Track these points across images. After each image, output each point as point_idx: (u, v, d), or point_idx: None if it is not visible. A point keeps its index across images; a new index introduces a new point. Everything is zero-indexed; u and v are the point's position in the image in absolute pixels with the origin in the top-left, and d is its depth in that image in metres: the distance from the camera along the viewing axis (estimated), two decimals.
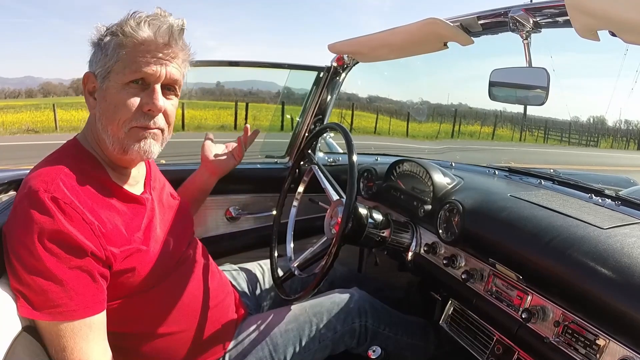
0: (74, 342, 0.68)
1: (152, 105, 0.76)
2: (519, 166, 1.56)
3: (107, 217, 0.75)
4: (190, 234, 0.99)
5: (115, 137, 0.77)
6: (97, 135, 0.80)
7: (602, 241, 0.80)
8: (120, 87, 0.75)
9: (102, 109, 0.77)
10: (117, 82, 0.75)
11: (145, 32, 0.74)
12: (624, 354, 0.69)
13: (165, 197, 0.95)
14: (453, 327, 1.09)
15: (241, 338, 0.98)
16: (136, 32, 0.74)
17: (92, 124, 0.81)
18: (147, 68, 0.75)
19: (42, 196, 0.68)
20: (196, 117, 14.03)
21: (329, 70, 1.51)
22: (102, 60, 0.76)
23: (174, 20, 0.77)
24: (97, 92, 0.78)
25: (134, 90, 0.76)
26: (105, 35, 0.76)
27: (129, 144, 0.77)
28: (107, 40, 0.76)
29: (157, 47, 0.75)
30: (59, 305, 0.67)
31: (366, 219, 1.09)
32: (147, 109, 0.77)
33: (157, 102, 0.77)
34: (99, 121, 0.78)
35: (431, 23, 1.00)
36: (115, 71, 0.75)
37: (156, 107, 0.77)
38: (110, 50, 0.75)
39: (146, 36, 0.74)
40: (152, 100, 0.76)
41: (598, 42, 0.82)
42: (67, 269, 0.68)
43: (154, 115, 0.78)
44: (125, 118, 0.76)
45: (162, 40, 0.75)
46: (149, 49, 0.75)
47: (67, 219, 0.68)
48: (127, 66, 0.74)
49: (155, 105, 0.76)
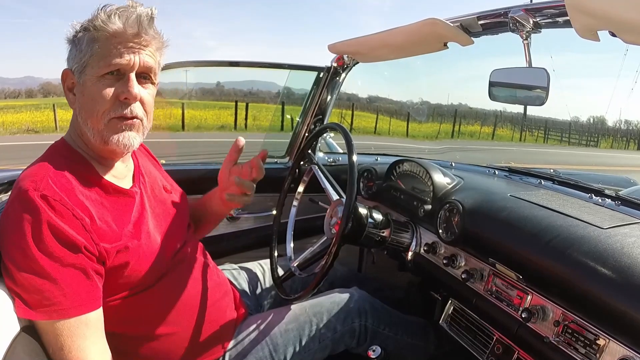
0: (71, 340, 0.68)
1: (127, 94, 0.77)
2: (519, 166, 1.56)
3: (97, 212, 0.75)
4: (186, 228, 0.98)
5: (96, 129, 0.78)
6: (80, 130, 0.80)
7: (602, 241, 0.80)
8: (95, 80, 0.76)
9: (81, 103, 0.78)
10: (92, 76, 0.76)
11: (116, 24, 0.75)
12: (624, 353, 0.70)
13: (157, 191, 0.94)
14: (453, 327, 1.09)
15: (241, 338, 0.98)
16: (107, 24, 0.75)
17: (74, 121, 0.82)
18: (119, 58, 0.75)
19: (31, 195, 0.68)
20: (196, 117, 14.03)
21: (329, 70, 1.51)
22: (77, 56, 0.77)
23: (142, 9, 0.77)
24: (76, 88, 0.79)
25: (109, 81, 0.76)
26: (79, 32, 0.77)
27: (109, 135, 0.78)
28: (80, 35, 0.77)
29: (127, 37, 0.76)
30: (54, 304, 0.67)
31: (366, 218, 1.09)
32: (123, 97, 0.77)
33: (132, 90, 0.77)
34: (79, 115, 0.79)
35: (431, 23, 1.01)
36: (91, 65, 0.76)
37: (131, 94, 0.77)
38: (84, 45, 0.76)
39: (116, 28, 0.75)
40: (128, 88, 0.77)
41: (598, 42, 0.82)
42: (60, 267, 0.68)
43: (130, 104, 0.78)
44: (103, 109, 0.76)
45: (132, 30, 0.76)
46: (120, 40, 0.76)
47: (57, 215, 0.68)
48: (101, 59, 0.75)
49: (131, 92, 0.77)
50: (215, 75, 15.95)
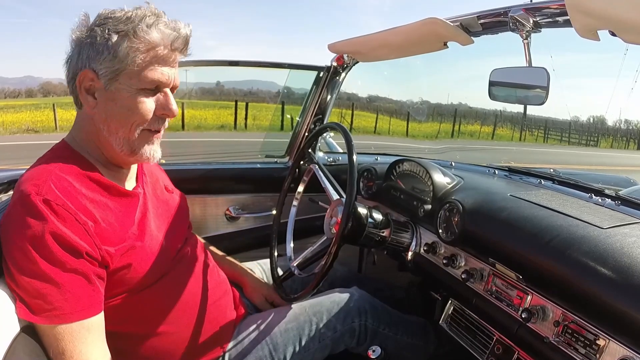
0: (72, 345, 0.68)
1: (168, 111, 0.79)
2: (519, 166, 1.55)
3: (101, 215, 0.74)
4: (187, 228, 0.99)
5: (126, 139, 0.78)
6: (95, 135, 0.79)
7: (602, 241, 0.80)
8: (135, 92, 0.75)
9: (111, 111, 0.76)
10: (131, 86, 0.75)
11: (160, 37, 0.75)
12: (624, 354, 0.69)
13: (159, 191, 0.95)
14: (453, 327, 1.09)
15: (241, 337, 0.98)
16: (150, 36, 0.74)
17: (85, 124, 0.80)
18: (163, 75, 0.77)
19: (34, 199, 0.68)
20: (196, 116, 14.02)
21: (328, 70, 1.51)
22: (109, 60, 0.74)
23: (187, 29, 0.79)
24: (100, 92, 0.76)
25: (148, 94, 0.77)
26: (111, 33, 0.73)
27: (139, 146, 0.79)
28: (116, 40, 0.73)
29: (170, 53, 0.77)
30: (55, 308, 0.67)
31: (366, 218, 1.09)
32: (162, 113, 0.79)
33: (174, 108, 0.80)
34: (103, 122, 0.77)
35: (431, 23, 1.00)
36: (128, 74, 0.74)
37: (172, 112, 0.80)
38: (121, 52, 0.73)
39: (161, 42, 0.75)
40: (169, 106, 0.79)
41: (598, 42, 0.82)
42: (62, 272, 0.67)
43: (165, 119, 0.81)
44: (140, 122, 0.77)
45: (177, 47, 0.77)
46: (163, 55, 0.76)
47: (60, 220, 0.68)
48: (143, 72, 0.74)
49: (172, 111, 0.80)
50: (215, 75, 15.94)
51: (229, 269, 1.15)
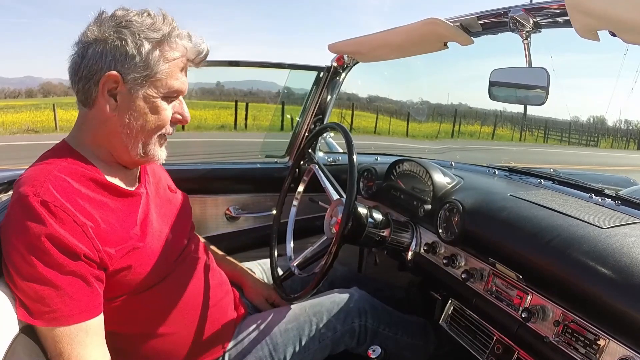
0: (71, 347, 0.68)
1: (184, 118, 0.84)
2: (519, 166, 1.55)
3: (101, 216, 0.74)
4: (190, 228, 0.99)
5: (144, 143, 0.80)
6: (105, 136, 0.79)
7: (602, 241, 0.80)
8: (160, 99, 0.79)
9: (134, 115, 0.77)
10: (157, 93, 0.78)
11: (186, 49, 0.80)
12: (624, 353, 0.69)
13: (162, 191, 0.95)
14: (453, 327, 1.09)
15: (241, 337, 0.98)
16: (179, 47, 0.79)
17: (96, 124, 0.78)
18: (184, 84, 0.81)
19: (31, 201, 0.67)
20: (196, 117, 14.01)
21: (329, 70, 1.51)
22: (139, 66, 0.74)
23: (207, 44, 0.83)
24: (122, 95, 0.76)
25: (169, 101, 0.81)
26: (143, 40, 0.74)
27: (154, 149, 0.82)
28: (147, 47, 0.75)
29: (188, 65, 0.82)
30: (53, 311, 0.67)
31: (366, 218, 1.09)
32: (177, 120, 0.83)
33: (187, 115, 0.84)
34: (123, 126, 0.77)
35: (431, 23, 1.00)
36: (155, 82, 0.77)
37: (187, 119, 0.84)
38: (152, 60, 0.75)
39: (186, 54, 0.80)
40: (184, 113, 0.84)
41: (598, 42, 0.82)
42: (60, 275, 0.67)
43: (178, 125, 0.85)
44: (160, 127, 0.81)
45: (198, 61, 0.83)
46: (184, 66, 0.81)
47: (57, 222, 0.67)
48: (169, 80, 0.78)
49: (187, 117, 0.84)
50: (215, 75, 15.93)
51: (229, 269, 1.15)
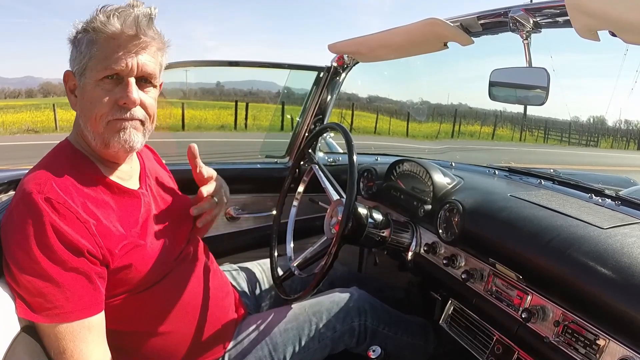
0: (73, 344, 0.68)
1: (126, 99, 0.75)
2: (519, 166, 1.56)
3: (103, 214, 0.74)
4: (190, 230, 0.99)
5: (96, 132, 0.77)
6: (82, 132, 0.80)
7: (602, 241, 0.80)
8: (94, 84, 0.75)
9: (81, 106, 0.78)
10: (91, 79, 0.75)
11: (114, 25, 0.73)
12: (624, 354, 0.69)
13: (163, 192, 0.95)
14: (453, 327, 1.09)
15: (241, 338, 0.98)
16: (105, 26, 0.73)
17: (77, 122, 0.81)
18: (118, 63, 0.74)
19: (35, 198, 0.68)
20: (196, 117, 14.03)
21: (329, 70, 1.51)
22: (77, 57, 0.76)
23: (140, 10, 0.76)
24: (77, 90, 0.78)
25: (108, 85, 0.75)
26: (79, 32, 0.76)
27: (109, 137, 0.77)
28: (80, 37, 0.76)
29: (126, 39, 0.74)
30: (55, 307, 0.67)
31: (366, 218, 1.09)
32: (122, 102, 0.76)
33: (131, 95, 0.75)
34: (80, 118, 0.79)
35: (431, 23, 1.00)
36: (90, 68, 0.75)
37: (130, 99, 0.75)
38: (83, 47, 0.75)
39: (115, 29, 0.73)
40: (127, 93, 0.75)
41: (598, 42, 0.82)
42: (63, 271, 0.68)
43: (130, 108, 0.77)
44: (101, 113, 0.75)
45: (130, 32, 0.74)
46: (119, 43, 0.74)
47: (61, 218, 0.68)
48: (100, 62, 0.74)
49: (129, 98, 0.75)
50: (215, 75, 15.94)
51: None
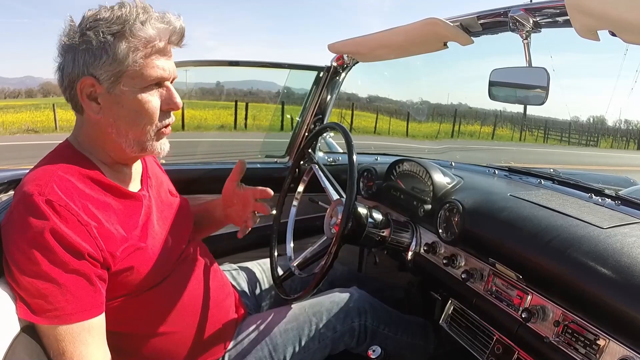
0: (73, 346, 0.68)
1: (174, 105, 0.79)
2: (519, 166, 1.55)
3: (104, 216, 0.74)
4: (190, 232, 0.99)
5: (137, 140, 0.78)
6: (101, 139, 0.78)
7: (602, 241, 0.80)
8: (139, 91, 0.75)
9: (118, 114, 0.75)
10: (134, 87, 0.74)
11: (157, 32, 0.73)
12: (624, 353, 0.69)
13: (163, 194, 0.95)
14: (453, 327, 1.09)
15: (241, 338, 0.98)
16: (146, 33, 0.72)
17: (89, 128, 0.79)
18: (164, 70, 0.76)
19: (36, 199, 0.67)
20: (196, 117, 14.01)
21: (328, 70, 1.51)
22: (109, 64, 0.72)
23: (180, 21, 0.77)
24: (103, 97, 0.75)
25: (153, 92, 0.76)
26: (106, 36, 0.72)
27: (151, 144, 0.80)
28: (112, 42, 0.71)
29: (166, 46, 0.76)
30: (56, 309, 0.67)
31: (366, 218, 1.09)
32: (168, 107, 0.79)
33: (178, 101, 0.79)
34: (111, 126, 0.76)
35: (431, 23, 1.00)
36: (130, 75, 0.73)
37: (177, 105, 0.79)
38: (120, 53, 0.72)
39: (158, 36, 0.74)
40: (174, 99, 0.79)
41: (598, 42, 0.82)
42: (64, 273, 0.67)
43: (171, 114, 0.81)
44: (151, 121, 0.77)
45: (174, 40, 0.77)
46: (161, 50, 0.75)
47: (62, 221, 0.68)
48: (144, 69, 0.73)
49: (177, 104, 0.79)
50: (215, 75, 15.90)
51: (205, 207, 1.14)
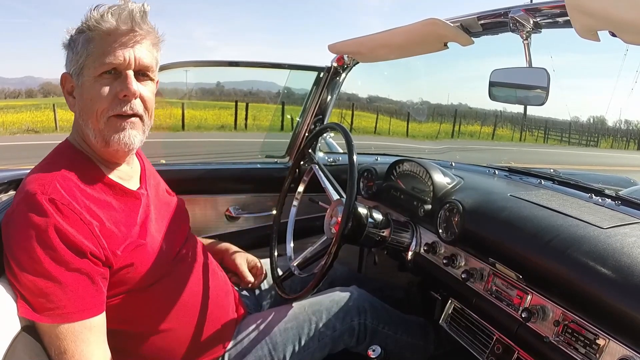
0: (74, 344, 0.68)
1: (126, 91, 0.76)
2: (519, 166, 1.56)
3: (106, 215, 0.75)
4: (187, 231, 1.00)
5: (96, 129, 0.78)
6: (82, 132, 0.80)
7: (602, 241, 0.80)
8: (93, 80, 0.76)
9: (81, 105, 0.78)
10: (90, 76, 0.76)
11: (108, 21, 0.75)
12: (624, 353, 0.70)
13: (161, 193, 0.96)
14: (453, 327, 1.09)
15: (241, 337, 0.98)
16: (100, 23, 0.75)
17: (77, 123, 0.82)
18: (115, 57, 0.75)
19: (39, 198, 0.68)
20: (196, 117, 14.02)
21: (329, 70, 1.51)
22: (73, 58, 0.77)
23: (134, 5, 0.77)
24: (75, 91, 0.79)
25: (107, 80, 0.76)
26: (74, 35, 0.78)
27: (109, 135, 0.78)
28: (75, 38, 0.77)
29: (121, 34, 0.76)
30: (58, 308, 0.67)
31: (366, 218, 1.09)
32: (122, 95, 0.77)
33: (131, 87, 0.76)
34: (80, 118, 0.79)
35: (431, 23, 1.00)
36: (87, 66, 0.76)
37: (130, 91, 0.76)
38: (79, 47, 0.76)
39: (109, 25, 0.75)
40: (126, 85, 0.76)
41: (598, 42, 0.82)
42: (65, 271, 0.68)
43: (130, 101, 0.78)
44: (102, 108, 0.76)
45: (126, 27, 0.76)
46: (115, 38, 0.75)
47: (65, 219, 0.68)
48: (97, 59, 0.75)
49: (129, 89, 0.76)
50: (215, 75, 15.93)
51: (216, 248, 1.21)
